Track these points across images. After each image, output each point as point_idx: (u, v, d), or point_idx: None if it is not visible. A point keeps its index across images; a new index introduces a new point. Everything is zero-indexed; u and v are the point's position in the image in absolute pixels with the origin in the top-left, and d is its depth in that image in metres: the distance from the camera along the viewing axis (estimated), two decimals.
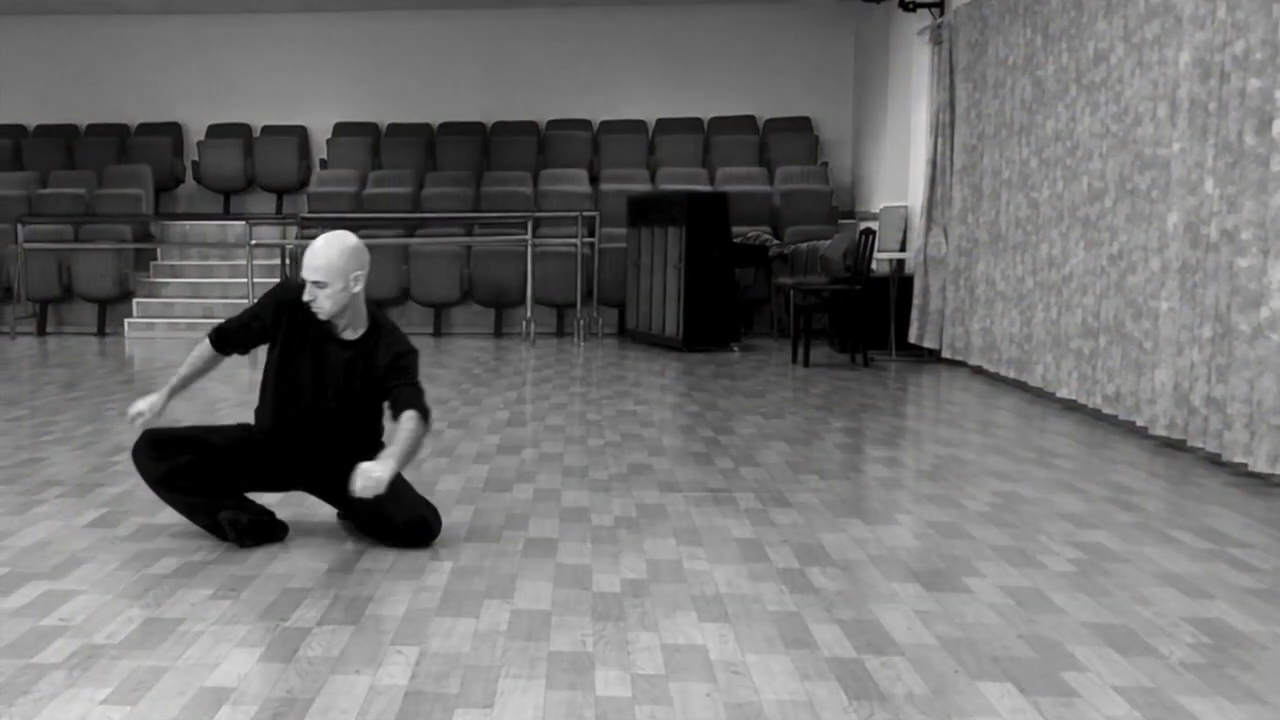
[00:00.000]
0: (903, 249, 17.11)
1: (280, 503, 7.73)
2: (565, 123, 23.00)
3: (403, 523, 6.66)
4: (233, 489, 6.90)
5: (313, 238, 19.23)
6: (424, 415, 6.65)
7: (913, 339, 16.07)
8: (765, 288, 19.58)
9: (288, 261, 19.79)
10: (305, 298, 6.65)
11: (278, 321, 6.87)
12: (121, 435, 10.18)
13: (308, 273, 6.58)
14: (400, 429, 6.57)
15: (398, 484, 6.57)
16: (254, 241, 19.03)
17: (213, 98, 23.74)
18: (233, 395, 12.55)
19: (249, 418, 7.20)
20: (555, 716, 4.42)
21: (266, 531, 6.82)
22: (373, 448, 6.87)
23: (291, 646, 5.16)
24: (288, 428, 6.89)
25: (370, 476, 6.28)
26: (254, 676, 4.82)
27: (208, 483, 6.79)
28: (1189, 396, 9.47)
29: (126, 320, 20.10)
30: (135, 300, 20.31)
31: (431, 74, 23.27)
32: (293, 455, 6.97)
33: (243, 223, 20.11)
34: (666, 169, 21.61)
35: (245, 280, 19.75)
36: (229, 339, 7.00)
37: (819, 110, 22.63)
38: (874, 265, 16.53)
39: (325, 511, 7.50)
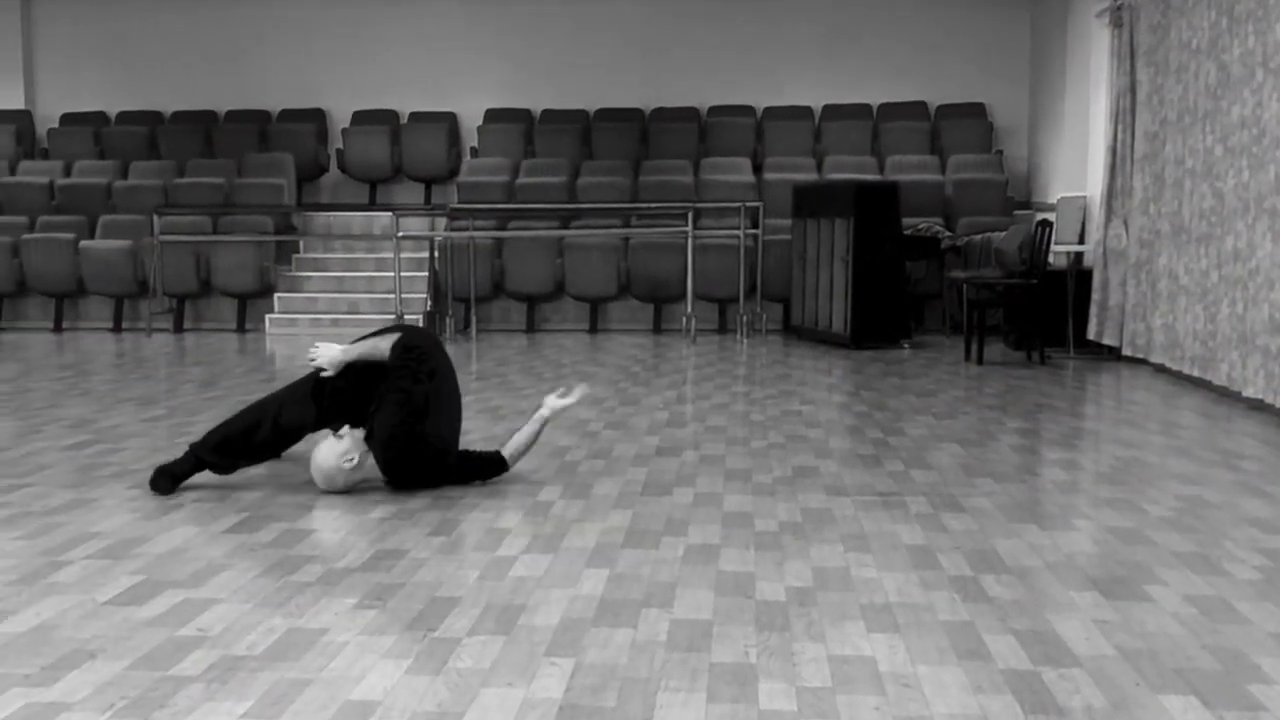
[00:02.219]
0: (1081, 241, 16.95)
1: (429, 506, 7.84)
2: (727, 109, 22.96)
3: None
4: None
5: (462, 229, 19.51)
6: None
7: (1091, 335, 15.93)
8: (937, 282, 19.47)
9: (436, 255, 19.90)
10: None
11: None
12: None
13: None
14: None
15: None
16: (401, 233, 19.04)
17: (358, 82, 23.84)
18: None
19: None
20: None
21: None
22: None
23: (440, 658, 5.17)
24: None
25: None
26: (401, 689, 4.83)
27: None
28: None
29: (267, 316, 20.16)
30: (276, 295, 20.36)
31: (587, 58, 23.30)
32: None
33: (389, 214, 20.13)
34: (833, 157, 21.52)
35: (392, 274, 19.78)
36: None
37: (993, 96, 22.46)
38: (1051, 258, 16.40)
39: (476, 517, 7.59)
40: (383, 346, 8.20)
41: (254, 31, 23.85)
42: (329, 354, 8.25)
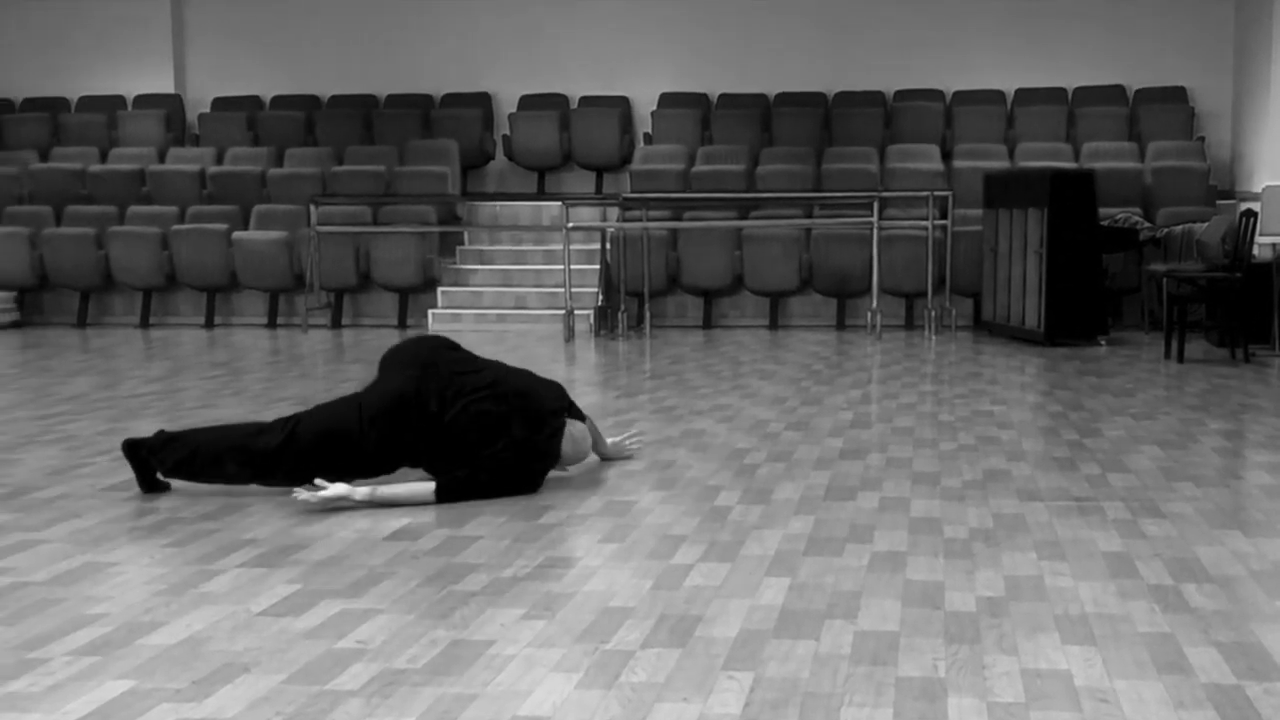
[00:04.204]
0: None
1: (601, 512, 7.88)
2: (914, 93, 22.80)
3: None
4: None
5: (636, 220, 19.52)
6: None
7: None
8: (1135, 275, 19.25)
9: (608, 246, 19.91)
10: None
11: None
12: None
13: None
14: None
15: None
16: (571, 224, 18.93)
17: (526, 65, 23.73)
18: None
19: None
20: None
21: None
22: None
23: (612, 672, 5.17)
24: None
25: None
26: (571, 705, 4.82)
27: None
28: None
29: (430, 311, 20.06)
30: (440, 289, 20.30)
31: (767, 39, 23.15)
32: None
33: (559, 203, 20.07)
34: (1026, 144, 21.32)
35: (561, 267, 19.48)
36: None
37: (1195, 80, 22.14)
38: (1256, 250, 16.21)
39: (649, 523, 7.61)
40: (421, 491, 8.10)
41: (416, 11, 23.80)
42: (338, 491, 7.89)
